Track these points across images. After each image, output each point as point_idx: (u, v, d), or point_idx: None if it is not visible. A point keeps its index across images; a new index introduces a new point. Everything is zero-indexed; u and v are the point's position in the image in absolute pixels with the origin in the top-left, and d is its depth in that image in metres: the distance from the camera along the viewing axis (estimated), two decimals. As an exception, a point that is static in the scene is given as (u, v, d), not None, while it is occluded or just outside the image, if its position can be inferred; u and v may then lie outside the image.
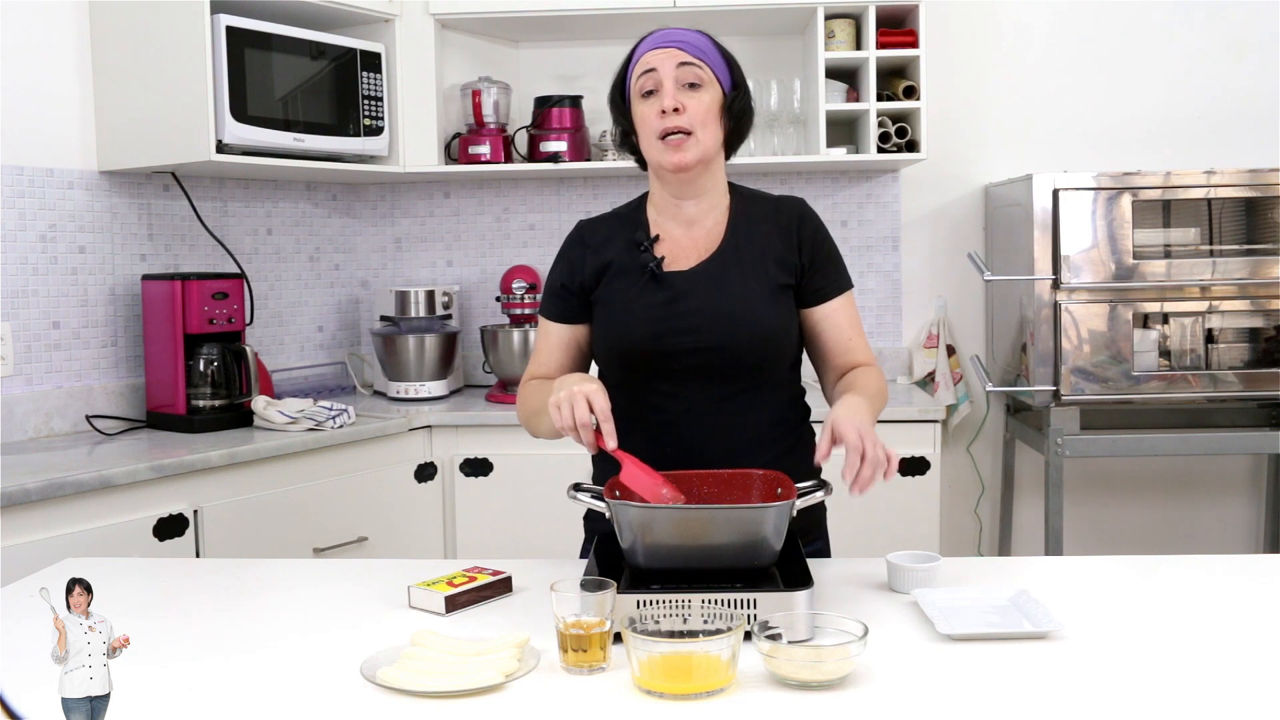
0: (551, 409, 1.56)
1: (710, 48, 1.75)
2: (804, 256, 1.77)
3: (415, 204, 3.72)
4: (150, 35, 2.78)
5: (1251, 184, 3.01)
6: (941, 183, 3.59)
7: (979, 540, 3.64)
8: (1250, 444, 3.20)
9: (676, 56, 1.71)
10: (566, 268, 1.83)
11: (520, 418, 1.84)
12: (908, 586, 1.57)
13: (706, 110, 1.71)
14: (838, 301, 1.79)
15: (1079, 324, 3.00)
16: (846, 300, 1.81)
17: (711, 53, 1.75)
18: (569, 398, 1.54)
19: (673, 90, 1.70)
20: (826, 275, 1.79)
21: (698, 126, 1.70)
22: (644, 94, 1.73)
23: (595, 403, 1.54)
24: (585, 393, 1.54)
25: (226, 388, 2.87)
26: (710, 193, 1.79)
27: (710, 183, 1.78)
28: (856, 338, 1.80)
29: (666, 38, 1.74)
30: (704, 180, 1.76)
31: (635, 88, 1.74)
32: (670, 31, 1.75)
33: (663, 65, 1.71)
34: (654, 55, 1.72)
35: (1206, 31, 3.49)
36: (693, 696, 1.21)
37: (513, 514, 3.05)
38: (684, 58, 1.71)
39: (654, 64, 1.71)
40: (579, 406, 1.53)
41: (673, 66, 1.70)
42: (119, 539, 2.31)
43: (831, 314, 1.79)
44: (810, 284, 1.78)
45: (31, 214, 2.77)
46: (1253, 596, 1.56)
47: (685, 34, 1.75)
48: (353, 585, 1.68)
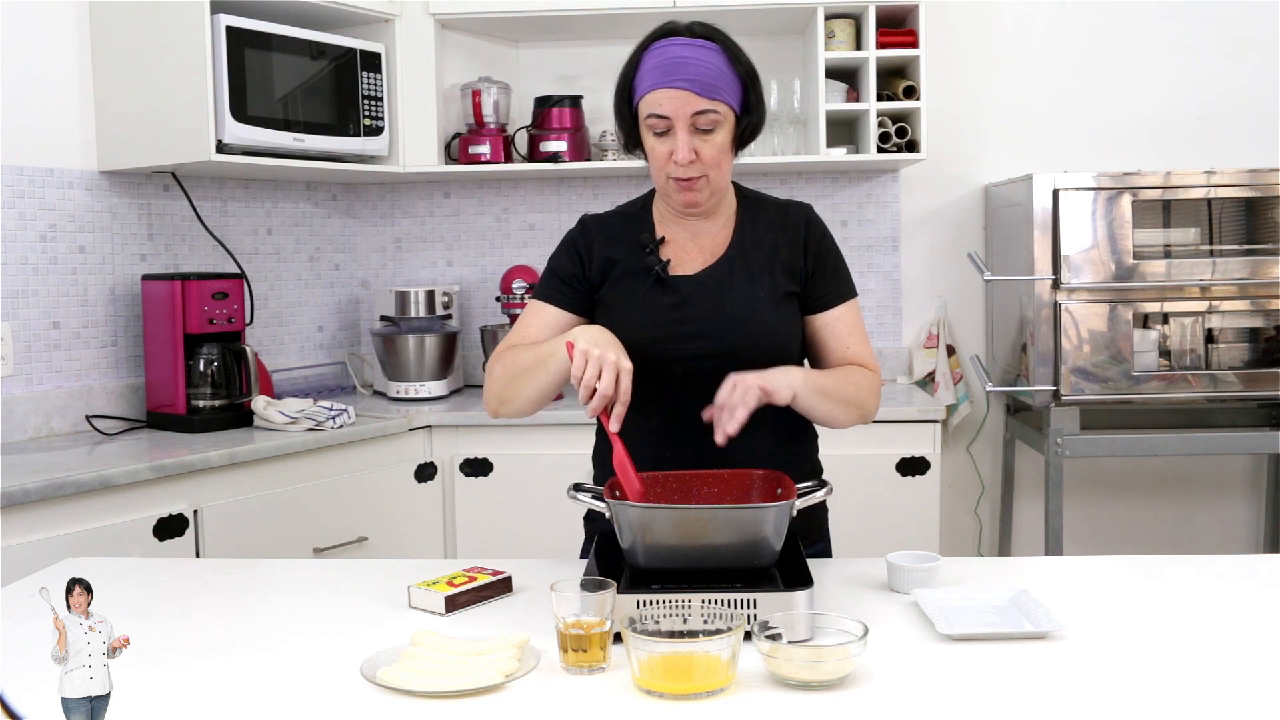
0: (579, 355, 1.52)
1: (722, 72, 1.65)
2: (809, 262, 1.77)
3: (415, 204, 3.72)
4: (150, 35, 2.78)
5: (1251, 184, 3.01)
6: (941, 183, 3.59)
7: (979, 540, 3.64)
8: (1250, 444, 3.20)
9: (690, 102, 1.62)
10: (575, 258, 1.79)
11: (494, 386, 1.72)
12: (908, 586, 1.56)
13: (720, 150, 1.67)
14: (840, 309, 1.79)
15: (1079, 324, 3.00)
16: (849, 308, 1.80)
17: (724, 81, 1.64)
18: (602, 360, 1.51)
19: (686, 140, 1.63)
20: (830, 282, 1.78)
21: (711, 169, 1.67)
22: (656, 131, 1.66)
23: (623, 381, 1.53)
24: (620, 367, 1.52)
25: (226, 388, 2.87)
26: (718, 209, 1.79)
27: (717, 202, 1.78)
28: (856, 345, 1.78)
29: (676, 74, 1.62)
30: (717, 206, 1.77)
31: (644, 119, 1.67)
32: (683, 62, 1.63)
33: (675, 111, 1.62)
34: (666, 96, 1.62)
35: (1206, 31, 3.49)
36: (693, 696, 1.21)
37: (513, 514, 3.05)
38: (699, 105, 1.62)
39: (665, 108, 1.63)
40: (608, 374, 1.51)
41: (687, 113, 1.62)
42: (119, 539, 2.31)
43: (833, 321, 1.78)
44: (814, 291, 1.77)
45: (31, 214, 2.77)
46: (1253, 596, 1.56)
47: (696, 64, 1.63)
48: (353, 585, 1.68)
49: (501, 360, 1.73)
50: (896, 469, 3.00)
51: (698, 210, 1.74)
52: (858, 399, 1.72)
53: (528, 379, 1.67)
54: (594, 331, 1.59)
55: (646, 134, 1.69)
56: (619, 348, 1.56)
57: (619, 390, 1.52)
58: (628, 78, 1.71)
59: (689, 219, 1.78)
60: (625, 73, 1.72)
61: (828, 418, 1.71)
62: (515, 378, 1.69)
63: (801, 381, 1.63)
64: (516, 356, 1.70)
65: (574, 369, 1.53)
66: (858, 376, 1.75)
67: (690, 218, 1.77)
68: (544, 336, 1.73)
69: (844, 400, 1.70)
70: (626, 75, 1.71)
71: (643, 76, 1.67)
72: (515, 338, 1.77)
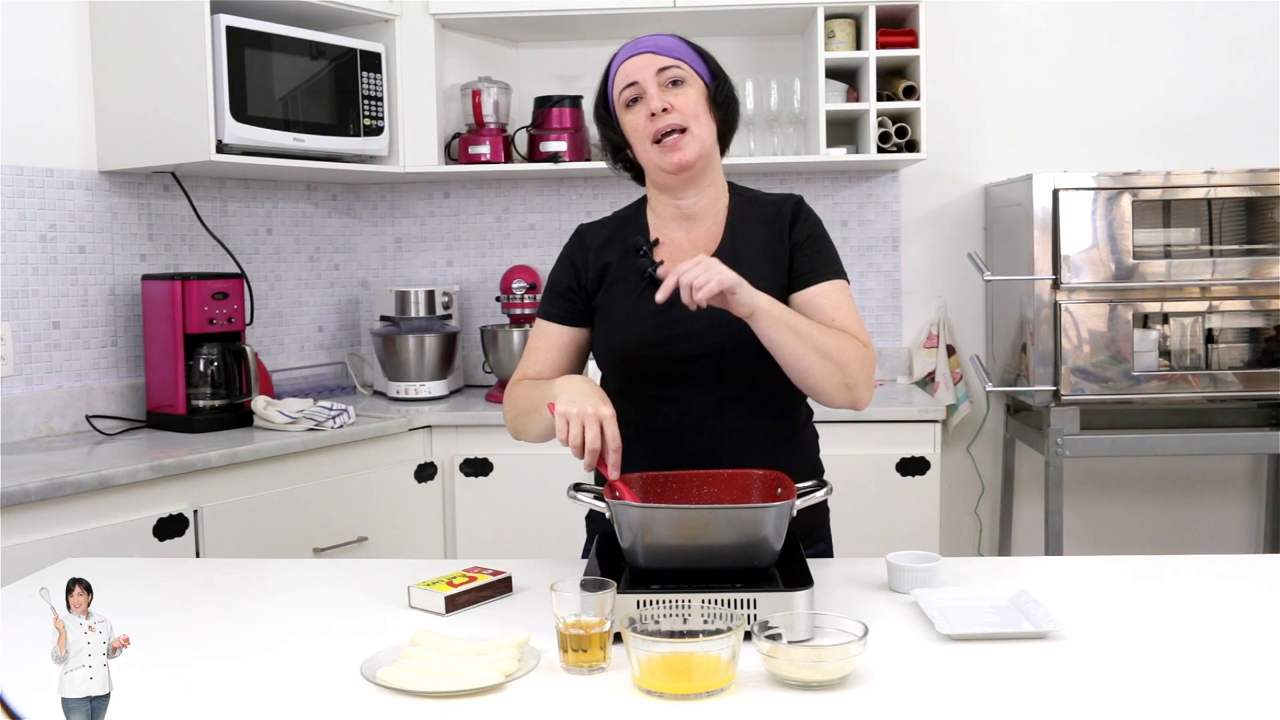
0: (559, 419, 1.53)
1: (683, 47, 1.77)
2: (793, 239, 1.76)
3: (415, 204, 3.72)
4: (150, 35, 2.78)
5: (1251, 184, 3.01)
6: (941, 183, 3.59)
7: (979, 540, 3.64)
8: (1250, 444, 3.20)
9: (654, 62, 1.72)
10: (570, 270, 1.82)
11: (507, 418, 1.81)
12: (908, 586, 1.56)
13: (695, 103, 1.72)
14: (826, 285, 1.73)
15: (1079, 324, 3.00)
16: (835, 287, 1.73)
17: (686, 51, 1.76)
18: (580, 416, 1.52)
19: (658, 93, 1.71)
20: (811, 260, 1.74)
21: (691, 120, 1.71)
22: (629, 103, 1.74)
23: (608, 429, 1.53)
24: (600, 417, 1.53)
25: (226, 388, 2.87)
26: (710, 187, 1.79)
27: (710, 177, 1.78)
28: (843, 319, 1.69)
29: (639, 46, 1.76)
30: (705, 176, 1.76)
31: (619, 100, 1.75)
32: (641, 40, 1.77)
33: (642, 73, 1.72)
34: (631, 64, 1.74)
35: (1206, 31, 3.49)
36: (693, 696, 1.21)
37: (513, 514, 3.05)
38: (662, 61, 1.73)
39: (634, 74, 1.73)
40: (590, 429, 1.52)
41: (653, 72, 1.72)
42: (119, 539, 2.31)
43: (814, 297, 1.72)
44: (796, 268, 1.74)
45: (31, 214, 2.77)
46: (1253, 596, 1.56)
47: (656, 39, 1.76)
48: (353, 585, 1.68)
49: (511, 395, 1.80)
50: (896, 469, 3.00)
51: (689, 171, 1.73)
52: (838, 357, 1.62)
53: (528, 422, 1.73)
54: (572, 388, 1.57)
55: (624, 115, 1.75)
56: (597, 396, 1.56)
57: (606, 439, 1.53)
58: (603, 85, 1.81)
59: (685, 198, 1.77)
60: (601, 89, 1.82)
61: (796, 361, 1.60)
62: (521, 417, 1.76)
63: (769, 305, 1.58)
64: (519, 396, 1.76)
65: (558, 435, 1.55)
66: (842, 338, 1.65)
67: (685, 194, 1.77)
68: (550, 361, 1.80)
69: (818, 349, 1.60)
70: (603, 91, 1.81)
71: (612, 71, 1.78)
72: (525, 365, 1.83)
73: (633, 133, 1.75)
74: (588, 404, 1.53)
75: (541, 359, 1.81)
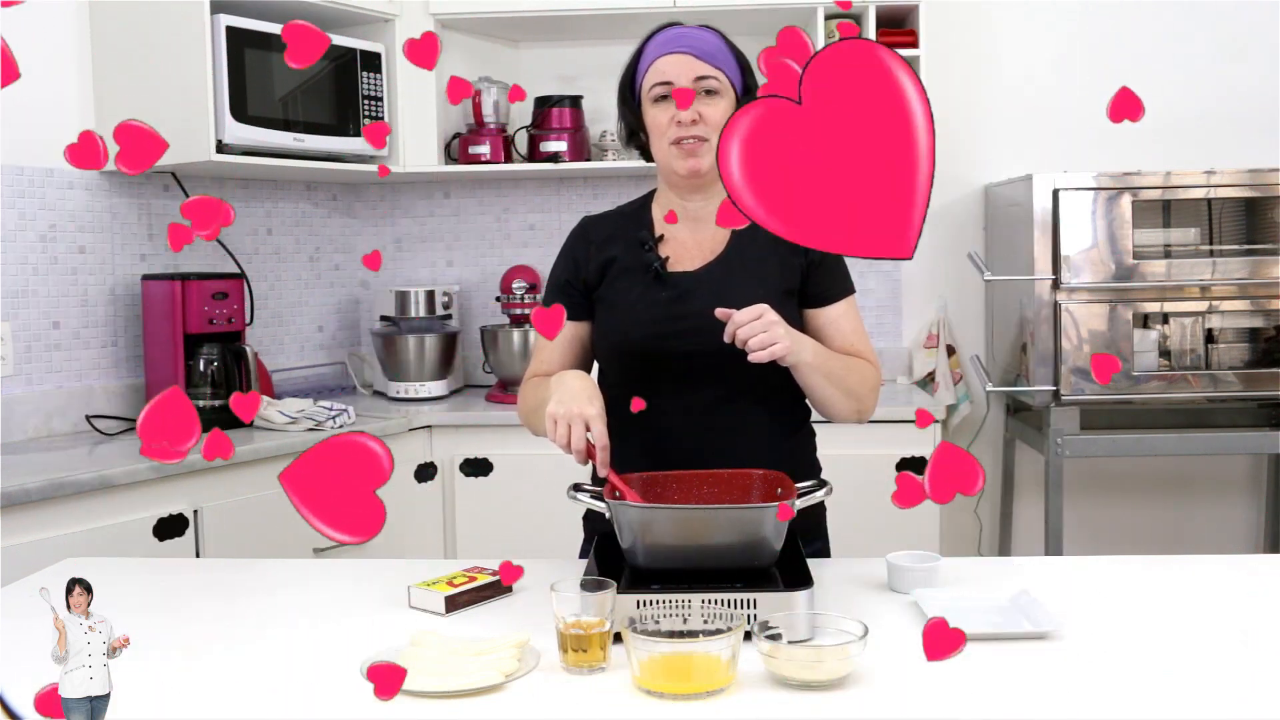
0: (547, 420, 1.56)
1: (723, 50, 1.73)
2: (810, 255, 1.76)
3: (415, 204, 3.72)
4: (150, 35, 2.78)
5: (1251, 184, 3.01)
6: (941, 182, 3.54)
7: (979, 540, 3.64)
8: (1250, 444, 3.20)
9: (694, 67, 1.69)
10: (570, 264, 1.82)
11: (520, 415, 1.83)
12: (908, 586, 1.56)
13: (723, 116, 1.69)
14: (841, 305, 1.79)
15: (1079, 324, 3.00)
16: (850, 305, 1.81)
17: (725, 56, 1.72)
18: (567, 417, 1.55)
19: (690, 101, 1.68)
20: (831, 277, 1.78)
21: (714, 132, 1.69)
22: (658, 99, 1.71)
23: (593, 428, 1.54)
24: (585, 417, 1.54)
25: (226, 388, 2.87)
26: (720, 194, 1.78)
27: (720, 184, 1.78)
28: (859, 343, 1.79)
29: (680, 42, 1.71)
30: (716, 183, 1.76)
31: (648, 92, 1.73)
32: (683, 34, 1.73)
33: (679, 75, 1.69)
34: (668, 62, 1.70)
35: (1206, 31, 3.48)
36: (693, 697, 1.21)
37: (513, 514, 3.04)
38: (701, 69, 1.69)
39: (670, 74, 1.69)
40: (576, 430, 1.54)
41: (690, 78, 1.69)
42: (119, 539, 2.31)
43: (836, 319, 1.78)
44: (813, 285, 1.77)
45: (31, 214, 2.77)
46: (1252, 596, 1.56)
47: (699, 36, 1.72)
48: (353, 585, 1.68)
49: (521, 394, 1.83)
50: (896, 469, 3.00)
51: (700, 178, 1.73)
52: (859, 392, 1.73)
53: (537, 419, 1.73)
54: (565, 387, 1.60)
55: (649, 108, 1.73)
56: (586, 396, 1.58)
57: (594, 437, 1.54)
58: (632, 66, 1.77)
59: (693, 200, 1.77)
60: (630, 62, 1.78)
61: (824, 401, 1.72)
62: (531, 414, 1.78)
63: (811, 356, 1.64)
64: (528, 395, 1.80)
65: (548, 434, 1.57)
66: (864, 370, 1.75)
67: (692, 199, 1.77)
68: (556, 358, 1.81)
69: (845, 390, 1.71)
70: (631, 63, 1.78)
71: (646, 56, 1.74)
72: (535, 364, 1.84)
73: (654, 127, 1.74)
74: (575, 404, 1.55)
75: (548, 356, 1.82)
